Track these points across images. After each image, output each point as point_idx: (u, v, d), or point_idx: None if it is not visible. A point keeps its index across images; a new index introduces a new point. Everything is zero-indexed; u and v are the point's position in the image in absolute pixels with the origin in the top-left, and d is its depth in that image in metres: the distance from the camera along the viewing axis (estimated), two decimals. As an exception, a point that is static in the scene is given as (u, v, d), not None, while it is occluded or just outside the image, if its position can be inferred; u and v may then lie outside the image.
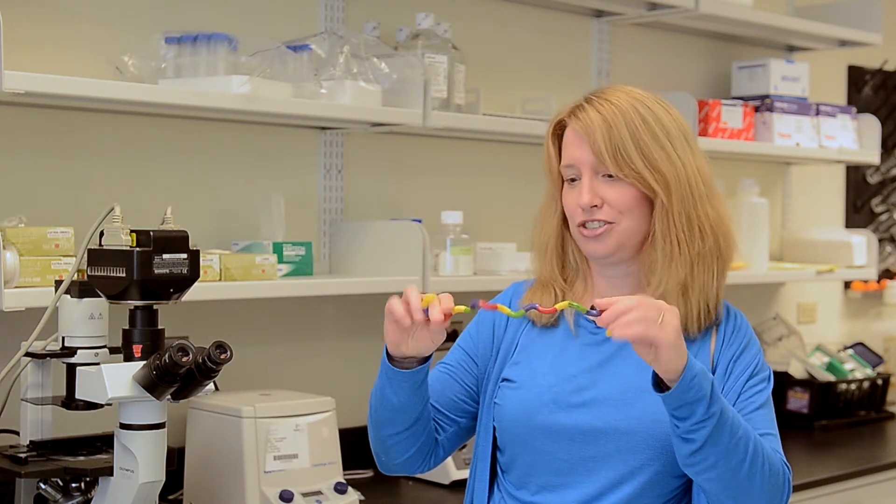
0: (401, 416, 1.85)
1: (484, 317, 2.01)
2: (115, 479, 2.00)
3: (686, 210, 1.85)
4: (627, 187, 1.84)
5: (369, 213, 3.06)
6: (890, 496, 3.35)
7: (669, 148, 1.85)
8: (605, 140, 1.83)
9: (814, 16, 3.99)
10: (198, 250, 1.98)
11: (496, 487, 1.95)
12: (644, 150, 1.83)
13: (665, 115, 1.88)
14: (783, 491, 1.79)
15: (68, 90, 2.25)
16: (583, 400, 1.85)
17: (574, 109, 1.89)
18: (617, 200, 1.84)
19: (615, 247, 1.86)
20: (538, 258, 1.98)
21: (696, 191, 1.86)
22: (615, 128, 1.83)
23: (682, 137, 1.88)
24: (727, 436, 1.68)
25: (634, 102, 1.87)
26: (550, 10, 3.45)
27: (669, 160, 1.84)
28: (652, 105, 1.88)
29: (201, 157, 2.77)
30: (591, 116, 1.85)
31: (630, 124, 1.84)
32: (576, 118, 1.87)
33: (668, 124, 1.87)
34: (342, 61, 2.64)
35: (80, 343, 2.05)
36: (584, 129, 1.85)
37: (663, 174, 1.84)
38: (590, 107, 1.87)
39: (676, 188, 1.84)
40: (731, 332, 1.90)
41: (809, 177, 4.31)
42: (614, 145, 1.83)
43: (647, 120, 1.85)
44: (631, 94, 1.88)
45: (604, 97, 1.87)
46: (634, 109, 1.85)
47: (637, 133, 1.83)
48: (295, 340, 2.96)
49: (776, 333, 4.02)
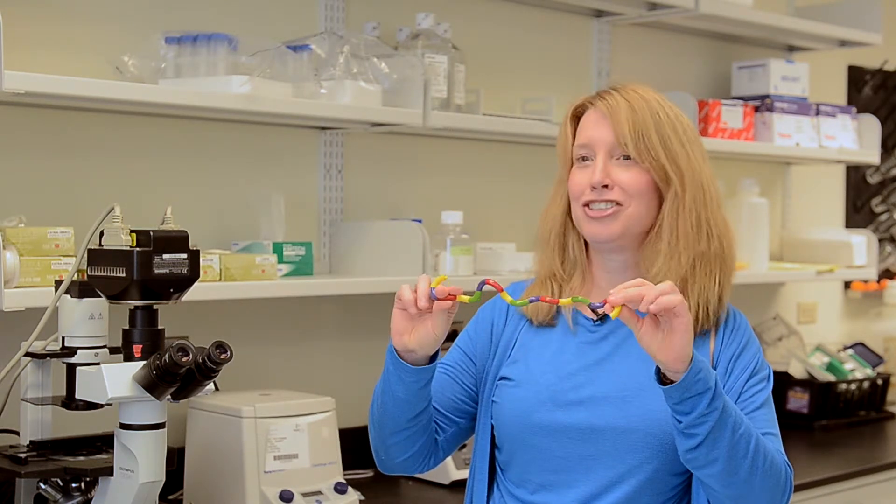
0: (404, 412, 1.84)
1: (482, 317, 2.01)
2: (115, 479, 2.00)
3: (697, 208, 1.87)
4: (642, 172, 1.86)
5: (369, 213, 3.06)
6: (890, 496, 3.35)
7: (689, 147, 1.89)
8: (630, 122, 1.86)
9: (814, 16, 3.99)
10: (198, 250, 1.98)
11: (496, 486, 1.95)
12: (666, 140, 1.87)
13: (686, 121, 1.92)
14: (784, 490, 1.79)
15: (68, 90, 2.25)
16: (581, 398, 1.85)
17: (600, 93, 1.93)
18: (629, 183, 1.86)
19: (620, 231, 1.87)
20: (540, 249, 1.99)
21: (709, 195, 1.89)
22: (640, 113, 1.87)
23: (699, 143, 1.93)
24: (729, 431, 1.68)
25: (659, 99, 1.91)
26: (550, 10, 3.45)
27: (688, 158, 1.88)
28: (674, 108, 1.93)
29: (201, 157, 2.77)
30: (617, 100, 1.89)
31: (654, 115, 1.87)
32: (601, 100, 1.91)
33: (686, 125, 1.91)
34: (342, 61, 2.65)
35: (80, 343, 2.04)
36: (609, 110, 1.88)
37: (681, 168, 1.87)
38: (616, 94, 1.90)
39: (691, 185, 1.87)
40: (731, 332, 1.90)
41: (809, 177, 4.31)
42: (638, 129, 1.86)
43: (671, 117, 1.89)
44: (654, 93, 1.92)
45: (630, 88, 1.91)
46: (658, 104, 1.89)
47: (661, 124, 1.87)
48: (295, 340, 2.96)
49: (776, 333, 4.02)
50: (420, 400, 1.84)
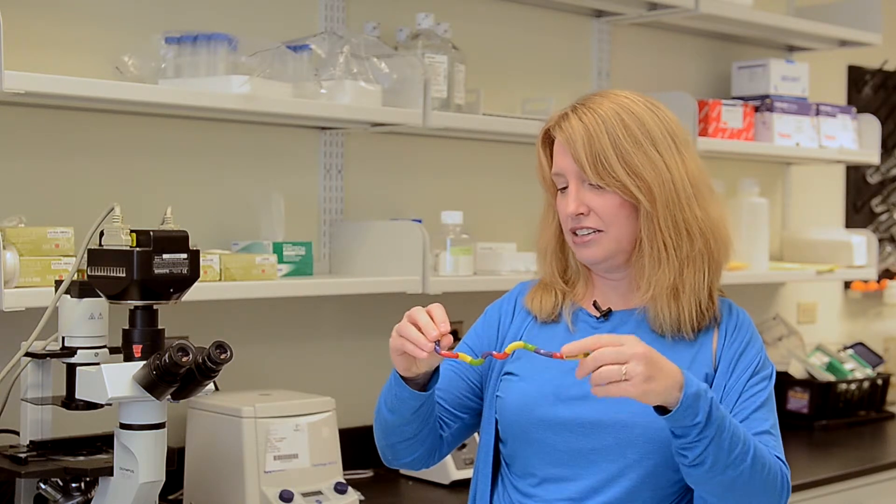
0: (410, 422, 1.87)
1: (490, 314, 2.04)
2: (115, 479, 2.00)
3: (672, 214, 1.86)
4: (611, 195, 1.86)
5: (369, 213, 3.06)
6: (890, 496, 3.35)
7: (653, 152, 1.85)
8: (586, 150, 1.84)
9: (814, 16, 3.99)
10: (198, 250, 1.98)
11: (500, 479, 1.97)
12: (625, 157, 1.84)
13: (651, 119, 1.87)
14: (781, 492, 1.80)
15: (68, 90, 2.25)
16: (583, 393, 1.86)
17: (559, 119, 1.91)
18: (602, 209, 1.86)
19: (605, 254, 1.88)
20: (539, 262, 2.02)
21: (683, 193, 1.86)
22: (595, 137, 1.84)
23: (669, 140, 1.88)
24: (725, 453, 1.70)
25: (618, 108, 1.87)
26: (550, 10, 3.45)
27: (652, 165, 1.85)
28: (637, 109, 1.88)
29: (201, 157, 2.77)
30: (573, 125, 1.87)
31: (611, 132, 1.84)
32: (559, 128, 1.90)
33: (652, 128, 1.87)
34: (342, 61, 2.65)
35: (80, 343, 2.05)
36: (567, 139, 1.87)
37: (646, 180, 1.84)
38: (573, 115, 1.88)
39: (660, 193, 1.85)
40: (733, 331, 1.91)
41: (809, 177, 4.31)
42: (594, 155, 1.84)
43: (630, 125, 1.85)
44: (616, 100, 1.89)
45: (588, 105, 1.89)
46: (617, 116, 1.86)
47: (618, 140, 1.84)
48: (295, 340, 2.96)
49: (776, 333, 4.02)
50: (426, 411, 1.87)
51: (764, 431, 1.82)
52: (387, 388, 1.87)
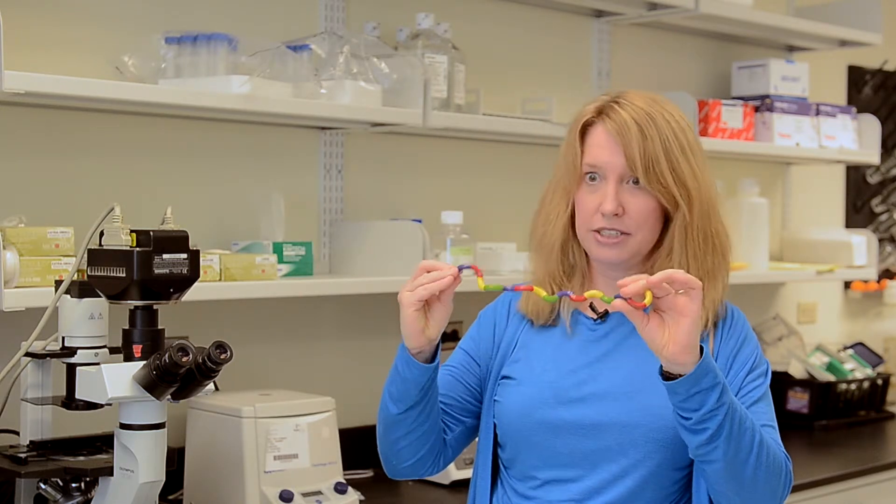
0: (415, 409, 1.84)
1: (485, 318, 2.03)
2: (115, 479, 2.00)
3: (703, 225, 1.87)
4: (650, 198, 1.84)
5: (369, 213, 3.06)
6: (890, 496, 3.35)
7: (693, 162, 1.86)
8: (640, 149, 1.82)
9: (814, 16, 3.99)
10: (198, 250, 1.98)
11: (499, 482, 1.97)
12: (674, 163, 1.84)
13: (688, 128, 1.88)
14: (785, 483, 1.80)
15: (68, 90, 2.25)
16: (583, 394, 1.86)
17: (607, 108, 1.87)
18: (637, 211, 1.84)
19: (627, 256, 1.88)
20: (542, 257, 1.97)
21: (713, 207, 1.88)
22: (650, 138, 1.82)
23: (701, 151, 1.89)
24: (737, 426, 1.69)
25: (663, 112, 1.86)
26: (550, 10, 3.45)
27: (694, 175, 1.86)
28: (677, 115, 1.88)
29: (201, 157, 2.77)
30: (625, 119, 1.84)
31: (662, 135, 1.83)
32: (608, 118, 1.86)
33: (691, 138, 1.88)
34: (342, 61, 2.65)
35: (80, 343, 2.05)
36: (619, 133, 1.83)
37: (688, 189, 1.85)
38: (623, 111, 1.85)
39: (698, 203, 1.86)
40: (729, 328, 1.91)
41: (809, 177, 4.31)
42: (648, 156, 1.82)
43: (676, 132, 1.85)
44: (656, 102, 1.88)
45: (633, 103, 1.86)
46: (665, 120, 1.85)
47: (668, 145, 1.83)
48: (295, 340, 2.96)
49: (776, 333, 4.02)
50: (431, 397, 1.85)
51: (764, 424, 1.82)
52: (389, 379, 1.85)
